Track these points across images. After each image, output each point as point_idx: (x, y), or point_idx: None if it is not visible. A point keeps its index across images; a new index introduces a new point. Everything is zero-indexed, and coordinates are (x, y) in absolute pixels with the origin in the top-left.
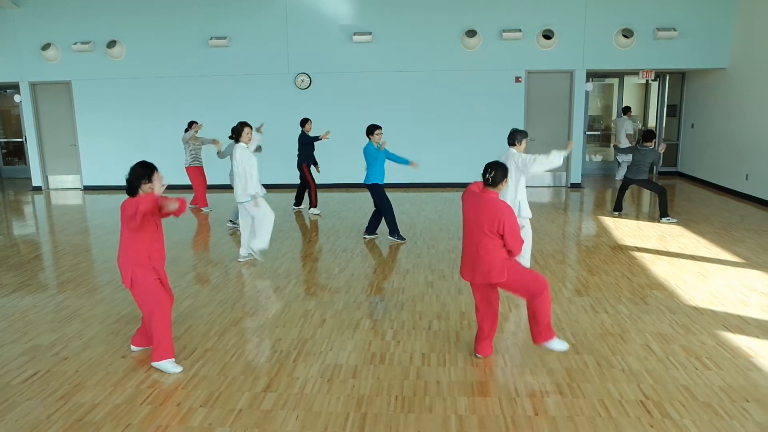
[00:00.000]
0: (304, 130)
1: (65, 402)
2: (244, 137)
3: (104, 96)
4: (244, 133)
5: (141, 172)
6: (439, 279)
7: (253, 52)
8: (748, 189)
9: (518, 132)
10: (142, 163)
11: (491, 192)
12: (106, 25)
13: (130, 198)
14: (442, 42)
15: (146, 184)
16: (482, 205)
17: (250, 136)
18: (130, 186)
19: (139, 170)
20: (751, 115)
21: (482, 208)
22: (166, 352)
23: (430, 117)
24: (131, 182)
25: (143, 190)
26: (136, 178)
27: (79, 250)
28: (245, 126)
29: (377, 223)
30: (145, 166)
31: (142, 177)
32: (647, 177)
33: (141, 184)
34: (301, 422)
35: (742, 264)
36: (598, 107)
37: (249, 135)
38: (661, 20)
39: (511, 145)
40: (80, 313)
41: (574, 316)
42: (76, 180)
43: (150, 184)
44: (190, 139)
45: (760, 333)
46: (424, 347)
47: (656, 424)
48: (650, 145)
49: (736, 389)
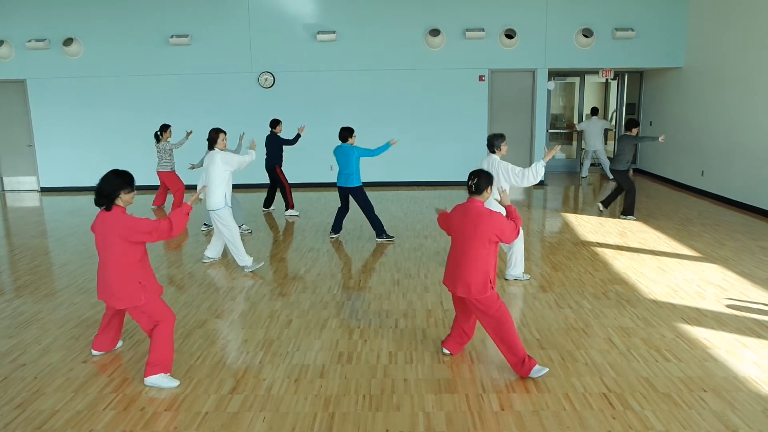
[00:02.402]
0: (275, 131)
1: (23, 410)
2: (220, 144)
3: (61, 95)
4: (219, 139)
5: (118, 181)
6: (405, 277)
7: (216, 50)
8: (704, 185)
9: (497, 137)
10: (116, 171)
11: (476, 200)
12: (63, 22)
13: (120, 212)
14: (406, 41)
15: (127, 194)
16: (467, 214)
17: (225, 142)
18: (106, 197)
19: (116, 179)
20: (706, 114)
21: (467, 218)
22: (165, 366)
23: (394, 116)
24: (108, 193)
25: (122, 200)
26: (113, 188)
27: (36, 253)
28: (220, 132)
29: (341, 221)
30: (121, 174)
31: (120, 186)
32: (626, 168)
33: (120, 194)
34: (268, 424)
35: (699, 258)
36: (560, 106)
37: (224, 142)
38: (619, 20)
39: (492, 151)
40: (38, 317)
41: (538, 312)
42: (33, 182)
43: (131, 193)
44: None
45: (716, 325)
46: (391, 345)
47: (618, 416)
48: (631, 133)
49: (694, 380)
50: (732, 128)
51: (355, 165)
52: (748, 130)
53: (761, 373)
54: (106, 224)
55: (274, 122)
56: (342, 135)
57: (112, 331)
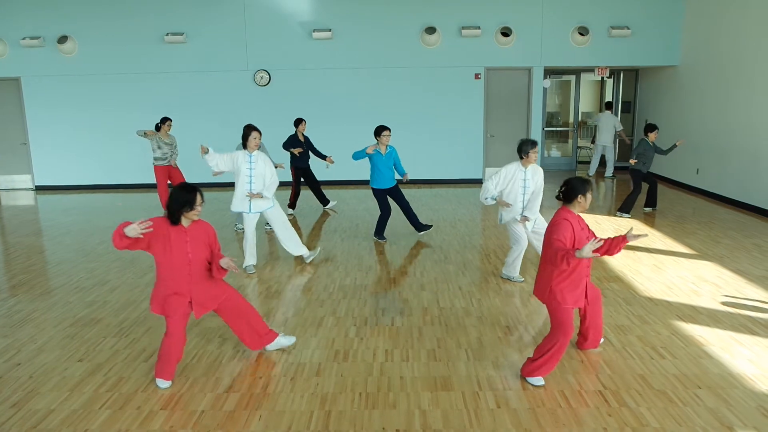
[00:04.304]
0: (298, 130)
1: (18, 409)
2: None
3: (56, 93)
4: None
5: (183, 198)
6: (401, 275)
7: (211, 48)
8: (698, 183)
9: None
10: (184, 185)
11: (561, 208)
12: (57, 20)
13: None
14: (402, 39)
15: (189, 212)
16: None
17: (257, 140)
18: (171, 213)
19: (181, 196)
20: (701, 112)
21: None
22: (168, 374)
23: (390, 114)
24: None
25: (188, 217)
26: (178, 205)
27: (31, 251)
28: (253, 130)
29: (414, 218)
30: (190, 189)
31: (184, 204)
32: (641, 170)
33: (182, 212)
34: (264, 422)
35: (693, 255)
36: (556, 104)
37: (257, 140)
38: (615, 19)
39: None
40: (33, 316)
41: (535, 309)
42: (27, 180)
43: (193, 211)
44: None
45: (710, 322)
46: (387, 343)
47: (614, 412)
48: (647, 138)
49: (689, 377)
50: (727, 126)
51: (374, 165)
52: (743, 129)
53: (756, 370)
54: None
55: (297, 121)
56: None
57: (241, 337)
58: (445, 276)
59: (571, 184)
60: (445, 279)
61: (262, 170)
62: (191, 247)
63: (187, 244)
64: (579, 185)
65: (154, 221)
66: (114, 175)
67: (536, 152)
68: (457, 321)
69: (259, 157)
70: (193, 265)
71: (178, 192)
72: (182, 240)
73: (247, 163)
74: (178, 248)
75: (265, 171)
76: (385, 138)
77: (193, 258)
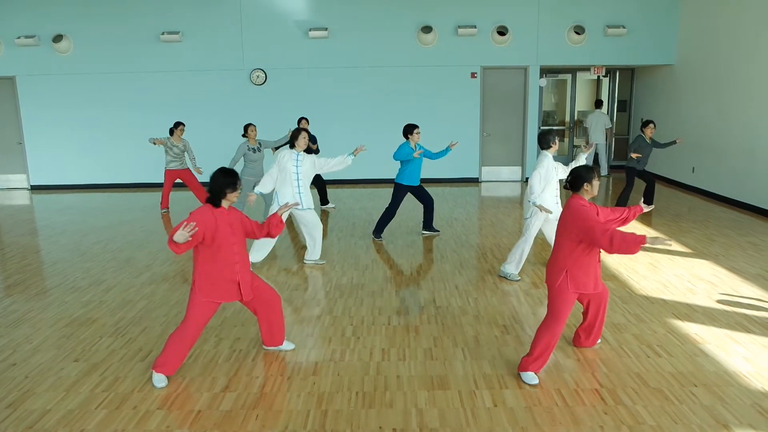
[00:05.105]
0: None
1: (14, 409)
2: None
3: (51, 92)
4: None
5: (226, 180)
6: (398, 274)
7: (207, 47)
8: (694, 182)
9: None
10: (223, 170)
11: (572, 196)
12: (52, 19)
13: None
14: (398, 38)
15: (231, 192)
16: (564, 208)
17: (306, 140)
18: (214, 195)
19: (223, 178)
20: (697, 111)
21: (563, 212)
22: (170, 368)
23: (386, 113)
24: (216, 191)
25: (228, 199)
26: (221, 186)
27: (27, 251)
28: (301, 131)
29: (431, 217)
30: (230, 172)
31: (228, 185)
32: (636, 167)
33: (226, 193)
34: (261, 421)
35: (689, 254)
36: (552, 103)
37: (305, 139)
38: (610, 18)
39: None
40: (29, 316)
41: (531, 308)
42: (23, 179)
43: (235, 192)
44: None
45: (706, 320)
46: (384, 342)
47: (610, 411)
48: (643, 134)
49: (685, 375)
50: (722, 125)
51: (403, 161)
52: (739, 127)
53: (751, 368)
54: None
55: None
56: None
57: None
58: (442, 275)
59: (577, 172)
60: (441, 278)
61: (307, 170)
62: (234, 230)
63: (230, 227)
64: (585, 173)
65: (195, 216)
66: (110, 174)
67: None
68: (453, 320)
69: (306, 158)
70: (238, 247)
71: (220, 176)
72: (226, 223)
73: (294, 161)
74: (224, 231)
75: (309, 172)
76: (417, 136)
77: (236, 240)
